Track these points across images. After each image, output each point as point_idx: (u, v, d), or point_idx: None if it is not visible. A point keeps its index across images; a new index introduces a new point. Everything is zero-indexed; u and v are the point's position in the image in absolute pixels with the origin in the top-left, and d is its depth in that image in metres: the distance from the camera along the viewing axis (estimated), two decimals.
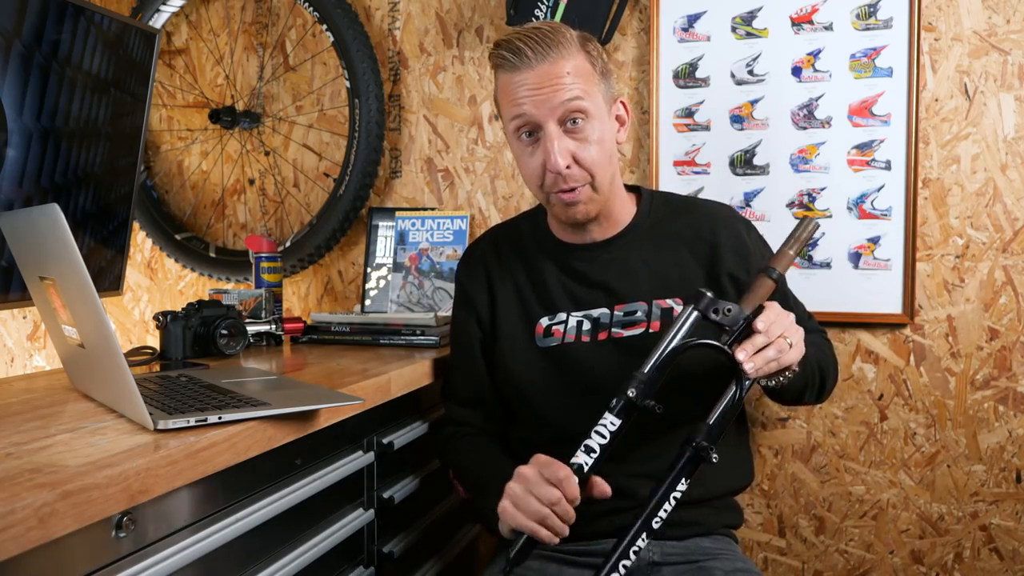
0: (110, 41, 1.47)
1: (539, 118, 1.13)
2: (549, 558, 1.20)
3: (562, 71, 1.12)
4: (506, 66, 1.14)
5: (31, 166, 1.34)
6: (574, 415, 1.14)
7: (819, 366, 1.21)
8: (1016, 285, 1.57)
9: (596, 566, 1.17)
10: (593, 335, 1.21)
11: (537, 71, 1.12)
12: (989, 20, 1.56)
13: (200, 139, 2.12)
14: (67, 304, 0.94)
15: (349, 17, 1.84)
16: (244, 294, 1.65)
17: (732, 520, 1.28)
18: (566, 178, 1.15)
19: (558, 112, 1.12)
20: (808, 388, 1.20)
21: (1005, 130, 1.56)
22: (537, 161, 1.16)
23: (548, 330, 1.24)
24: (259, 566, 0.98)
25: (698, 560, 1.18)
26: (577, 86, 1.13)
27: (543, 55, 1.12)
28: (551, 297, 1.24)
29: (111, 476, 0.71)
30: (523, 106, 1.13)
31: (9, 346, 2.09)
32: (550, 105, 1.12)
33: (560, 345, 1.22)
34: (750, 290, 1.09)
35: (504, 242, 1.33)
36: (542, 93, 1.12)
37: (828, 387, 1.27)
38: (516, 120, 1.15)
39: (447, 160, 1.92)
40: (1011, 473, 1.58)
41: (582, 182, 1.16)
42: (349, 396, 1.05)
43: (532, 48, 1.12)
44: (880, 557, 1.65)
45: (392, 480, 1.30)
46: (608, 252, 1.24)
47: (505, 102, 1.17)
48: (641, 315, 1.21)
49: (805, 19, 1.65)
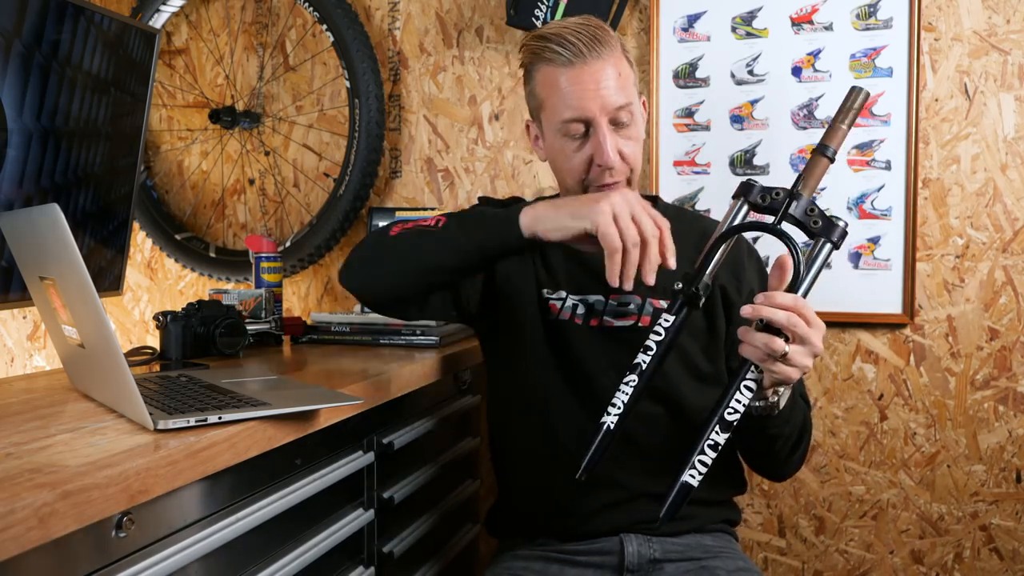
0: (110, 41, 1.47)
1: (594, 114, 1.13)
2: (550, 558, 1.20)
3: (615, 71, 1.14)
4: (557, 60, 1.14)
5: (31, 166, 1.34)
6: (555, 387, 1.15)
7: (803, 423, 1.15)
8: (1016, 285, 1.57)
9: (598, 565, 1.17)
10: (586, 319, 1.22)
11: (591, 68, 1.13)
12: (989, 20, 1.56)
13: (200, 139, 2.12)
14: (67, 304, 0.94)
15: (349, 17, 1.84)
16: (244, 294, 1.65)
17: (731, 516, 1.28)
18: (612, 172, 1.16)
19: (611, 111, 1.14)
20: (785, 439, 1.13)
21: (1005, 130, 1.56)
22: (584, 155, 1.16)
23: (546, 303, 1.25)
24: (259, 566, 0.98)
25: (699, 558, 1.18)
26: (627, 87, 1.15)
27: (597, 53, 1.13)
28: (555, 274, 1.25)
29: (111, 476, 0.71)
30: (579, 102, 1.13)
31: (9, 346, 2.09)
32: (605, 104, 1.13)
33: (556, 320, 1.23)
34: (807, 170, 1.00)
35: None
36: (599, 91, 1.12)
37: (801, 452, 1.19)
38: (569, 115, 1.14)
39: (447, 160, 1.92)
40: (1011, 473, 1.58)
41: (623, 177, 1.17)
42: (349, 396, 1.05)
43: (586, 44, 1.12)
44: (880, 557, 1.65)
45: (392, 480, 1.30)
46: None
47: (553, 96, 1.16)
48: (633, 308, 1.22)
49: (805, 19, 1.65)
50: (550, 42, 1.14)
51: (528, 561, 1.20)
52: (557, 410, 1.21)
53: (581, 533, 1.20)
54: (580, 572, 1.18)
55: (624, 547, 1.17)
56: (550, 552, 1.21)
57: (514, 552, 1.24)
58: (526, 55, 1.20)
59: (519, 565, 1.20)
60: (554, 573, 1.18)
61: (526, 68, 1.21)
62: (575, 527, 1.20)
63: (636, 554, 1.16)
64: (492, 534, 1.35)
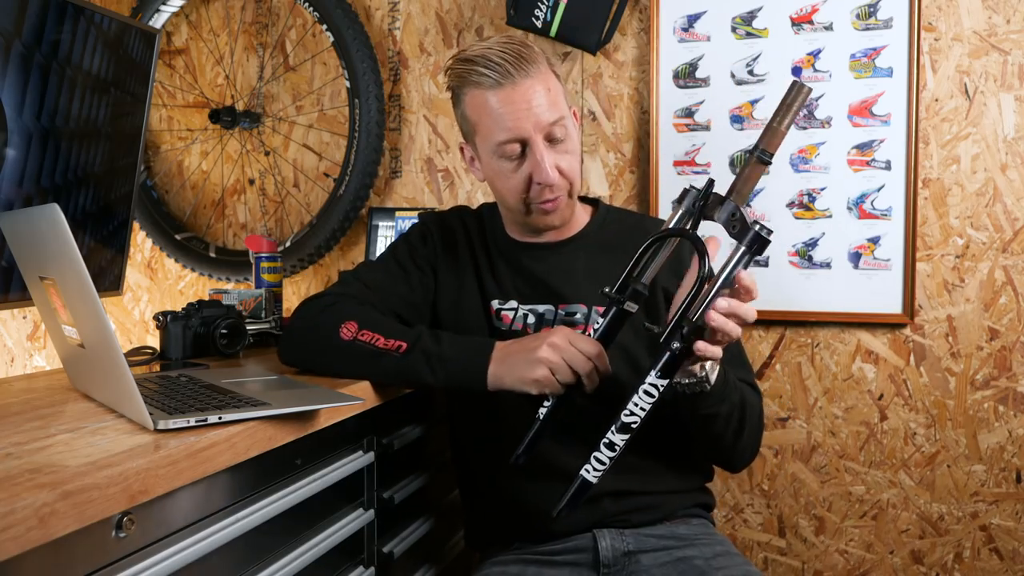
0: (110, 41, 1.47)
1: (528, 133, 1.14)
2: (527, 560, 1.20)
3: (543, 87, 1.14)
4: (485, 82, 1.14)
5: (31, 166, 1.34)
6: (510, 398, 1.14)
7: (742, 404, 1.14)
8: (1016, 285, 1.57)
9: (574, 563, 1.17)
10: (537, 329, 1.23)
11: (520, 87, 1.13)
12: (989, 20, 1.56)
13: (200, 139, 2.12)
14: (67, 304, 0.94)
15: (349, 17, 1.84)
16: (244, 294, 1.65)
17: (704, 500, 1.27)
18: (552, 188, 1.17)
19: (545, 128, 1.14)
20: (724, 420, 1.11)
21: (1005, 130, 1.56)
22: (523, 175, 1.17)
23: (498, 314, 1.25)
24: (259, 566, 0.98)
25: (674, 547, 1.18)
26: (558, 102, 1.16)
27: (524, 71, 1.13)
28: (503, 285, 1.26)
29: (111, 476, 0.71)
30: (513, 122, 1.13)
31: (9, 346, 2.09)
32: (539, 121, 1.13)
33: (509, 330, 1.24)
34: (740, 175, 0.99)
35: (471, 225, 1.34)
36: (532, 109, 1.13)
37: (747, 438, 1.17)
38: (504, 136, 1.15)
39: (447, 160, 1.92)
40: (1011, 473, 1.58)
41: (563, 192, 1.19)
42: (349, 396, 1.05)
43: (512, 63, 1.12)
44: (880, 557, 1.65)
45: (392, 480, 1.30)
46: (557, 254, 1.26)
47: (486, 119, 1.16)
48: (580, 317, 1.23)
49: (805, 19, 1.65)
50: (476, 64, 1.14)
51: (505, 566, 1.20)
52: (514, 419, 1.16)
53: (556, 532, 1.20)
54: (557, 571, 1.18)
55: (597, 542, 1.17)
56: (526, 555, 1.21)
57: (493, 559, 1.24)
58: (452, 78, 1.19)
59: (497, 571, 1.19)
60: (532, 575, 1.18)
61: (454, 91, 1.21)
62: (544, 528, 1.20)
63: (610, 548, 1.17)
64: (471, 547, 1.36)
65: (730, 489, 1.74)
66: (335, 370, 1.17)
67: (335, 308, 1.19)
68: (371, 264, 1.34)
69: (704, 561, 1.15)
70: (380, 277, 1.28)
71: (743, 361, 1.24)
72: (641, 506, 1.19)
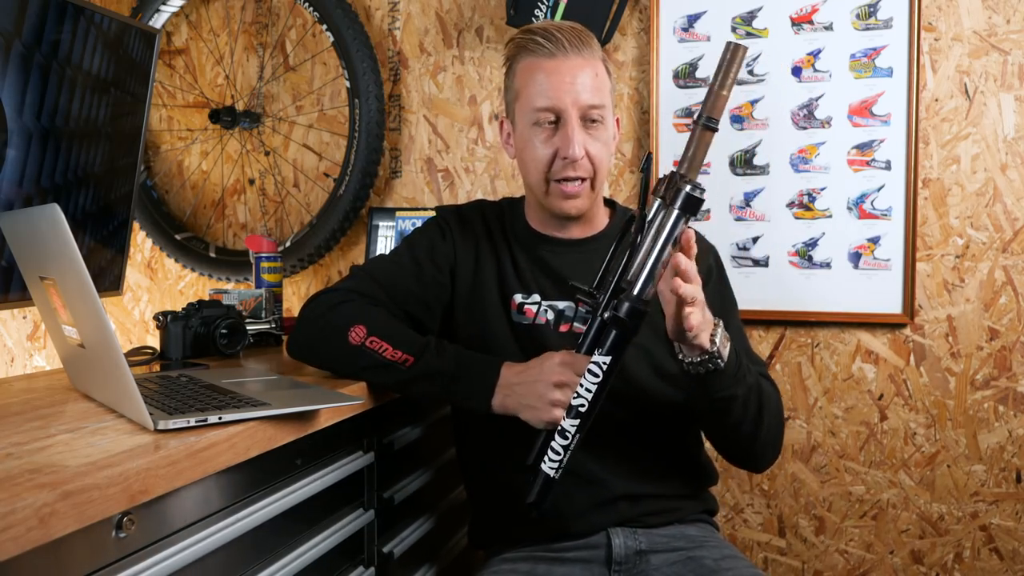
0: (110, 41, 1.47)
1: (565, 106, 1.15)
2: (537, 558, 1.20)
3: (592, 71, 1.16)
4: (539, 51, 1.16)
5: (31, 166, 1.34)
6: None
7: (759, 389, 1.13)
8: (1016, 285, 1.57)
9: (586, 560, 1.17)
10: (556, 325, 1.23)
11: (571, 63, 1.15)
12: (989, 20, 1.56)
13: (200, 139, 2.12)
14: (67, 304, 0.94)
15: (349, 17, 1.84)
16: (244, 294, 1.65)
17: (710, 506, 1.29)
18: (576, 166, 1.16)
19: (584, 108, 1.15)
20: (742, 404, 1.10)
21: (1005, 130, 1.56)
22: (551, 147, 1.17)
23: (521, 308, 1.24)
24: (259, 566, 0.98)
25: (685, 548, 1.19)
26: (603, 93, 1.17)
27: (578, 49, 1.15)
28: (526, 279, 1.26)
29: (111, 476, 0.71)
30: (554, 92, 1.15)
31: (9, 346, 2.09)
32: (579, 99, 1.14)
33: (532, 324, 1.23)
34: (689, 147, 0.99)
35: (491, 218, 1.33)
36: (575, 85, 1.14)
37: (767, 430, 1.15)
38: (542, 103, 1.15)
39: (447, 160, 1.92)
40: (1011, 473, 1.58)
41: (586, 175, 1.18)
42: (349, 396, 1.05)
43: (569, 40, 1.15)
44: (880, 557, 1.65)
45: (392, 480, 1.30)
46: (579, 251, 1.26)
47: (530, 85, 1.17)
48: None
49: (805, 19, 1.65)
50: (536, 35, 1.16)
51: (515, 563, 1.20)
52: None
53: (567, 532, 1.20)
54: (568, 569, 1.17)
55: (611, 540, 1.18)
56: (536, 552, 1.21)
57: (500, 556, 1.24)
58: (511, 48, 1.21)
59: (506, 568, 1.19)
60: (542, 573, 1.18)
61: (510, 62, 1.22)
62: (556, 530, 1.20)
63: (623, 547, 1.17)
64: (476, 546, 1.35)
65: (730, 489, 1.74)
66: (341, 372, 1.18)
67: (344, 308, 1.19)
68: (384, 258, 1.33)
69: (714, 562, 1.16)
70: (392, 272, 1.27)
71: (755, 357, 1.25)
72: (656, 509, 1.20)
